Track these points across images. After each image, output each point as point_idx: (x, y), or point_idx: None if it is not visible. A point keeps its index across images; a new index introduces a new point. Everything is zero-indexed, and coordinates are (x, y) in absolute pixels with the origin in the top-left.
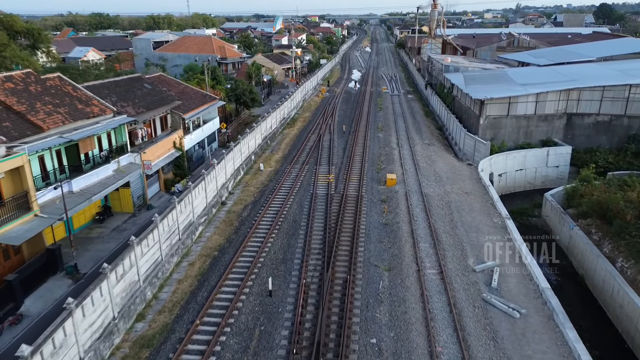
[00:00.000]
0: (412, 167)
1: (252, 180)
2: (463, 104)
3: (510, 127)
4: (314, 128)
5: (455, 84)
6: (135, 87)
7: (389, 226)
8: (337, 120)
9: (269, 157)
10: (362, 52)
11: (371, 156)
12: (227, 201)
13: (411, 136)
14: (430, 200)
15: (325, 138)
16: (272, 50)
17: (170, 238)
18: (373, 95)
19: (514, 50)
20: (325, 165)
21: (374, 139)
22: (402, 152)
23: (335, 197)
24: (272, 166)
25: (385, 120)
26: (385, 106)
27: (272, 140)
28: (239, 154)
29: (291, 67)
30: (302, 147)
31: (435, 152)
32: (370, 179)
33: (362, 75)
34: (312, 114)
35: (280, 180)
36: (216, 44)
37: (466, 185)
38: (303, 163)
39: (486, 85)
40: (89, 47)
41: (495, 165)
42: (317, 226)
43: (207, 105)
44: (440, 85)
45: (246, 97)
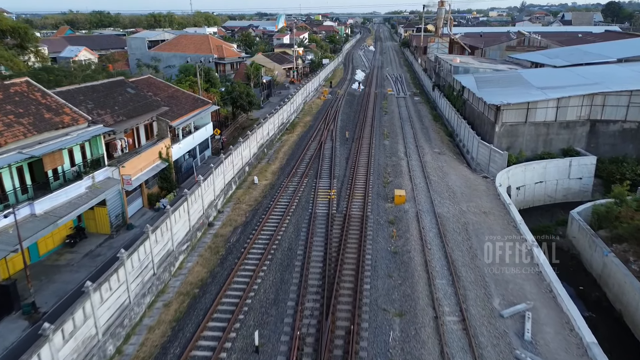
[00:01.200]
0: (422, 180)
1: (244, 196)
2: (475, 109)
3: (529, 135)
4: (314, 134)
5: (466, 86)
6: (116, 92)
7: (398, 256)
8: (339, 125)
9: (264, 168)
10: (365, 50)
11: (377, 168)
12: (215, 222)
13: (420, 144)
14: (444, 222)
15: (326, 146)
16: (273, 49)
17: (142, 275)
18: (378, 97)
19: (524, 49)
20: (326, 178)
21: (380, 147)
22: (411, 162)
23: (337, 218)
24: (268, 179)
25: (392, 126)
26: (390, 109)
27: (269, 148)
28: (231, 167)
29: (292, 67)
30: (301, 156)
31: (447, 162)
32: (376, 195)
33: (366, 75)
34: (313, 118)
35: (275, 197)
36: (214, 43)
37: (484, 202)
38: (302, 176)
39: (500, 89)
40: (81, 47)
41: (514, 177)
42: (315, 256)
43: (198, 111)
44: (449, 88)
45: (243, 101)
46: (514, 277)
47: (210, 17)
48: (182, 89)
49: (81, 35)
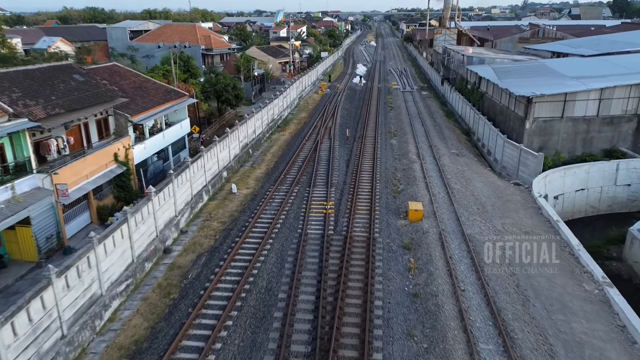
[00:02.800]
0: (442, 189)
1: (217, 209)
2: (497, 103)
3: (565, 132)
4: (310, 132)
5: (484, 77)
6: (57, 79)
7: (421, 301)
8: (338, 122)
9: (247, 174)
10: (367, 46)
11: (384, 173)
12: (173, 247)
13: (434, 143)
14: (477, 247)
15: (323, 146)
16: (270, 43)
17: (37, 342)
18: (381, 92)
19: (538, 41)
20: (321, 186)
21: (386, 148)
22: (426, 166)
23: (335, 242)
24: (250, 187)
25: (399, 123)
26: (396, 105)
27: (256, 148)
28: (202, 172)
29: (289, 61)
30: (292, 158)
31: (468, 165)
32: (384, 208)
33: (368, 69)
34: (309, 114)
35: (256, 211)
36: (200, 33)
37: (522, 218)
38: (292, 183)
39: (526, 79)
40: (56, 38)
41: (551, 184)
42: (303, 301)
43: (170, 104)
44: (461, 81)
45: (229, 94)
46: (589, 335)
47: (208, 14)
48: (154, 79)
49: (59, 27)
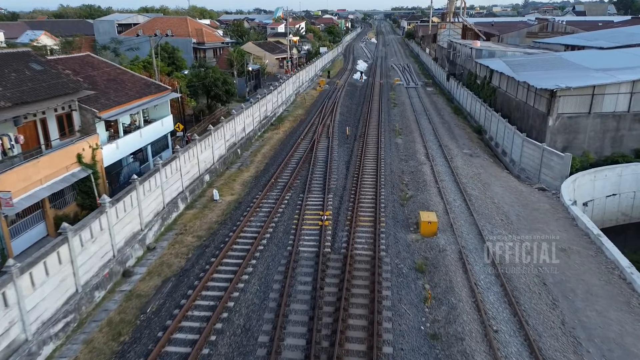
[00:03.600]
0: (457, 195)
1: (194, 220)
2: (512, 98)
3: (593, 130)
4: (306, 130)
5: (497, 71)
6: (10, 67)
7: (441, 345)
8: (338, 119)
9: (233, 177)
10: (367, 43)
11: (390, 176)
12: (136, 268)
13: (444, 142)
14: (507, 270)
15: (320, 146)
16: (267, 39)
17: None
18: (384, 87)
19: (547, 35)
20: (317, 192)
21: (391, 148)
22: (437, 168)
23: (333, 262)
24: (235, 193)
25: (404, 120)
26: (400, 101)
27: (245, 148)
28: (177, 176)
29: (286, 57)
30: (286, 160)
31: (484, 167)
32: (391, 219)
33: (369, 65)
34: (305, 111)
35: (240, 223)
36: (192, 26)
37: (555, 231)
38: (283, 188)
39: (544, 72)
40: (40, 32)
41: (580, 189)
42: (290, 349)
43: (147, 99)
44: (469, 75)
45: (218, 89)
46: None
47: (206, 12)
48: (132, 71)
49: (45, 21)
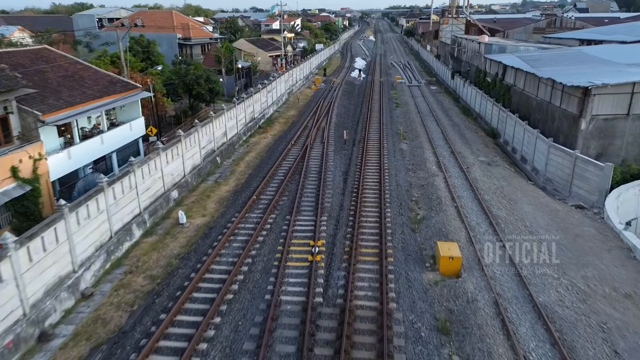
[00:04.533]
0: (481, 217)
1: (150, 253)
2: (532, 97)
3: (631, 134)
4: (298, 134)
5: (511, 66)
6: None
7: None
8: (334, 121)
9: (207, 193)
10: (365, 40)
11: (396, 191)
12: (59, 329)
13: (456, 148)
14: (568, 334)
15: (314, 152)
16: (261, 36)
17: None
18: (384, 86)
19: (555, 31)
20: (308, 213)
21: (396, 155)
22: (452, 181)
23: (325, 320)
24: (207, 214)
25: (409, 122)
26: (403, 101)
27: (227, 155)
28: (133, 196)
29: (280, 55)
30: (272, 170)
31: (507, 179)
32: (401, 251)
33: (368, 63)
34: (299, 112)
35: (207, 257)
36: (178, 20)
37: (610, 268)
38: (267, 208)
39: (569, 68)
40: (14, 27)
41: (623, 205)
42: None
43: (111, 99)
44: (477, 73)
45: (201, 88)
46: None
47: (201, 10)
48: (97, 67)
49: (23, 16)
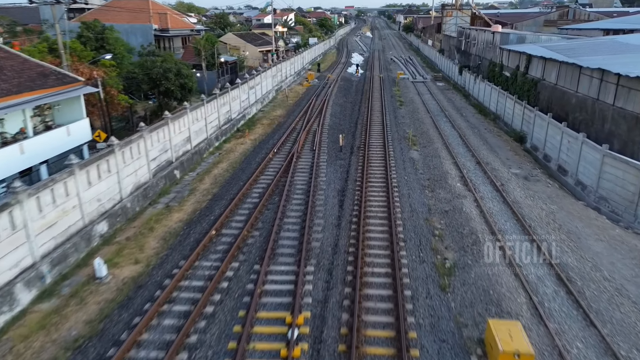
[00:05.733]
0: (541, 266)
1: (35, 335)
2: (569, 93)
3: None
4: (283, 138)
5: (537, 57)
6: None
7: None
8: (328, 123)
9: (151, 223)
10: (362, 37)
11: (410, 219)
12: None
13: (481, 157)
14: None
15: (301, 163)
16: (251, 30)
17: None
18: (385, 82)
19: (567, 23)
20: (287, 258)
21: (405, 166)
22: (486, 205)
23: None
24: (141, 260)
25: (418, 123)
26: (408, 98)
27: (190, 167)
28: (20, 241)
29: (271, 50)
30: (244, 188)
31: (554, 201)
32: (430, 332)
33: (365, 58)
34: (287, 111)
35: (115, 349)
36: (155, 9)
37: None
38: (227, 251)
39: (614, 58)
40: None
41: None
42: None
43: (33, 95)
44: (491, 66)
45: (170, 83)
46: None
47: (194, 8)
48: (31, 56)
49: None
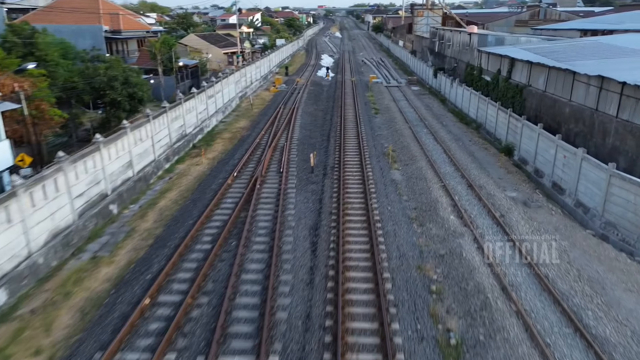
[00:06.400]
0: (567, 338)
1: None
2: (562, 102)
3: None
4: (246, 158)
5: (522, 60)
6: None
7: None
8: (297, 136)
9: (69, 286)
10: (331, 37)
11: (400, 270)
12: None
13: (472, 178)
14: None
15: (265, 191)
16: (215, 31)
17: None
18: (357, 87)
19: (539, 23)
20: (242, 342)
21: (388, 192)
22: (488, 248)
23: None
24: (44, 349)
25: (396, 135)
26: (384, 105)
27: (132, 199)
28: None
29: (237, 52)
30: (194, 229)
31: (565, 235)
32: None
33: (336, 61)
34: (251, 122)
35: None
36: (106, 8)
37: None
38: (162, 334)
39: (604, 61)
40: None
41: None
42: None
43: None
44: (469, 69)
45: (116, 93)
46: None
47: (157, 7)
48: None
49: None
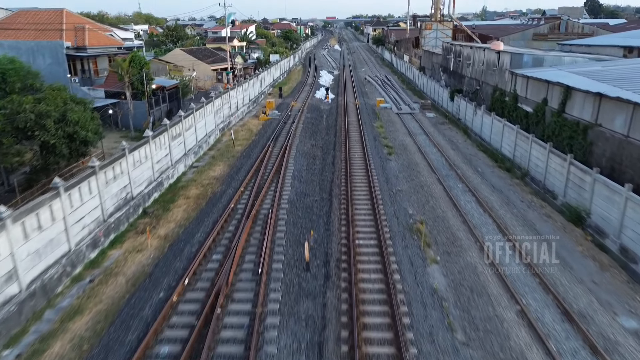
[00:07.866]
0: None
1: None
2: None
3: None
4: (211, 240)
5: (582, 90)
6: None
7: None
8: (287, 196)
9: None
10: (330, 50)
11: None
12: None
13: (558, 291)
14: None
15: (228, 322)
16: (205, 44)
17: None
18: (362, 114)
19: (560, 37)
20: None
21: (427, 314)
22: None
23: None
24: None
25: (423, 195)
26: (398, 142)
27: (18, 332)
28: None
29: (227, 68)
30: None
31: None
32: None
33: (335, 78)
34: (230, 167)
35: None
36: (71, 22)
37: None
38: None
39: None
40: None
41: None
42: None
43: None
44: (498, 95)
45: (48, 135)
46: None
47: (152, 19)
48: None
49: None
